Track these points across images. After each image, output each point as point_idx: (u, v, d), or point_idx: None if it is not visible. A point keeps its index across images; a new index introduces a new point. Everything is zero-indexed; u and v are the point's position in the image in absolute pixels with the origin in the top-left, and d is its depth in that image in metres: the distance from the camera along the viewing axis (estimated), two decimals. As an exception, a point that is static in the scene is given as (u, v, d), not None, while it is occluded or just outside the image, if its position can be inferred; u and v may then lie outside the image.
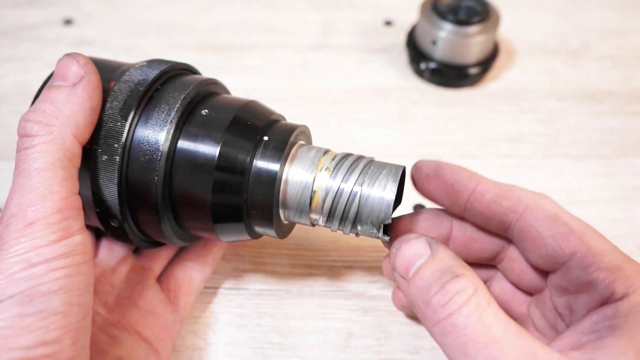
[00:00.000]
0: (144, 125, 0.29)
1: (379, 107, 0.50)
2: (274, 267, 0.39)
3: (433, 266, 0.25)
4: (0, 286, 0.24)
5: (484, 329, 0.23)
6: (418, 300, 0.25)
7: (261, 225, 0.31)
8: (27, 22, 0.56)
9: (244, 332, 0.36)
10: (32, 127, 0.27)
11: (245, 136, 0.30)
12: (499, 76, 0.52)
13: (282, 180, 0.30)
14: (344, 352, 0.36)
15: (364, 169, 0.29)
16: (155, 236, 0.32)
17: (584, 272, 0.27)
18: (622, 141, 0.47)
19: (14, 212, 0.25)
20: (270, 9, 0.58)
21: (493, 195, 0.29)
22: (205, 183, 0.29)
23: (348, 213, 0.29)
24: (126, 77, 0.30)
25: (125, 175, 0.29)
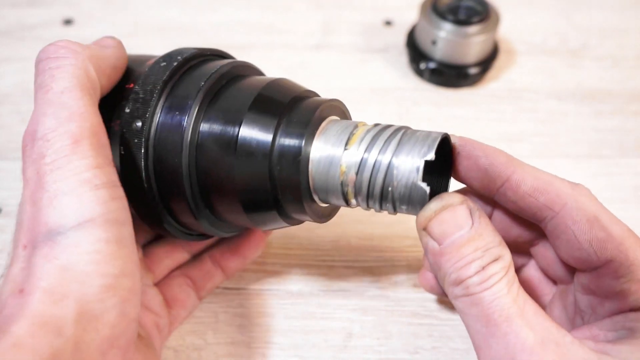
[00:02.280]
0: (169, 111, 0.28)
1: (379, 107, 0.50)
2: (274, 267, 0.39)
3: (475, 243, 0.24)
4: (74, 206, 0.23)
5: (509, 304, 0.23)
6: (450, 271, 0.25)
7: (295, 211, 0.28)
8: (27, 22, 0.56)
9: (244, 332, 0.36)
10: (57, 50, 0.27)
11: (267, 115, 0.27)
12: (499, 76, 0.52)
13: (309, 162, 0.27)
14: (344, 352, 0.36)
15: (395, 151, 0.26)
16: (196, 229, 0.31)
17: (616, 281, 0.26)
18: (622, 141, 0.47)
19: (51, 125, 0.24)
20: (270, 9, 0.58)
21: (529, 187, 0.27)
22: (228, 169, 0.27)
23: (385, 199, 0.26)
24: (135, 93, 0.29)
25: (153, 164, 0.28)
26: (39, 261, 0.23)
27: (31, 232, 0.24)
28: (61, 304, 0.22)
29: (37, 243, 0.23)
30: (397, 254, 0.40)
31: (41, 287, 0.22)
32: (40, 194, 0.23)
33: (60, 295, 0.22)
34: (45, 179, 0.23)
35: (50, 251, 0.23)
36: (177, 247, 0.37)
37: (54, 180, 0.23)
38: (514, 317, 0.23)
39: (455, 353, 0.36)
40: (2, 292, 0.23)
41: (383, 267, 0.39)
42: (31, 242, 0.23)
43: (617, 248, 0.26)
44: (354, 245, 0.41)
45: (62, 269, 0.23)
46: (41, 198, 0.23)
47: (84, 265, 0.23)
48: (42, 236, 0.23)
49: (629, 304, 0.26)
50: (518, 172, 0.27)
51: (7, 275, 0.24)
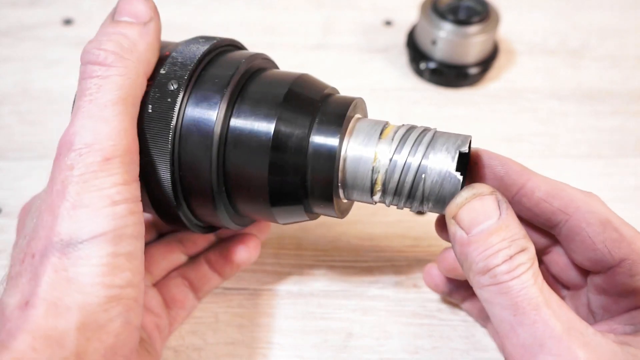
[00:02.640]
0: (195, 106, 0.28)
1: (379, 107, 0.50)
2: (274, 267, 0.39)
3: (503, 233, 0.25)
4: (90, 220, 0.24)
5: (537, 293, 0.24)
6: (477, 259, 0.25)
7: (320, 206, 0.29)
8: (27, 22, 0.56)
9: (244, 332, 0.36)
10: (107, 56, 0.26)
11: (301, 111, 0.28)
12: (499, 76, 0.52)
13: (341, 159, 0.28)
14: (344, 352, 0.36)
15: (430, 143, 0.27)
16: (209, 219, 0.31)
17: (631, 279, 0.27)
18: (622, 141, 0.47)
19: (88, 141, 0.24)
20: (270, 9, 0.58)
21: (543, 193, 0.28)
22: (260, 163, 0.28)
23: (415, 190, 0.27)
24: (170, 61, 0.29)
25: (178, 157, 0.28)
26: (47, 272, 0.23)
27: (44, 241, 0.24)
28: (64, 316, 0.23)
29: (47, 252, 0.24)
30: (397, 254, 0.40)
31: (46, 300, 0.23)
32: (60, 203, 0.24)
33: (64, 307, 0.23)
34: (68, 189, 0.24)
35: (60, 262, 0.23)
36: (174, 248, 0.37)
37: (76, 192, 0.24)
38: (542, 306, 0.24)
39: (455, 353, 0.36)
40: (9, 304, 0.24)
41: (383, 267, 0.39)
42: (41, 252, 0.24)
43: (629, 247, 0.27)
44: (354, 245, 0.41)
45: (68, 281, 0.23)
46: (60, 207, 0.24)
47: (91, 277, 0.23)
48: (54, 247, 0.24)
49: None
50: (532, 180, 0.28)
51: (16, 286, 0.24)
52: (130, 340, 0.25)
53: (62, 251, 0.23)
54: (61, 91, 0.50)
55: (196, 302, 0.37)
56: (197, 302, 0.37)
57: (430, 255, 0.40)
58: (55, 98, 0.49)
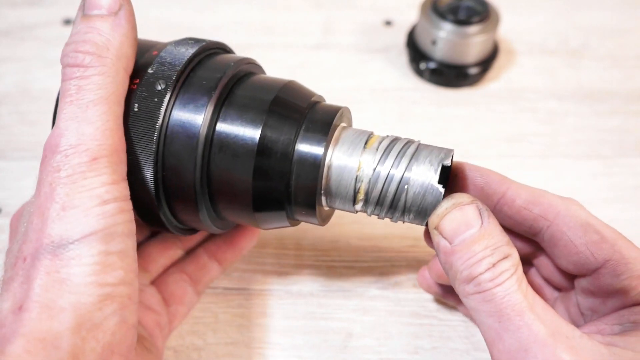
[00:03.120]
0: (181, 109, 0.28)
1: (379, 107, 0.50)
2: (273, 267, 0.39)
3: (485, 242, 0.25)
4: (80, 220, 0.24)
5: (521, 299, 0.24)
6: (461, 268, 0.25)
7: (302, 213, 0.29)
8: (27, 22, 0.56)
9: (244, 332, 0.36)
10: (84, 57, 0.26)
11: (288, 118, 0.28)
12: (499, 76, 0.52)
13: (325, 167, 0.28)
14: (344, 352, 0.36)
15: (414, 154, 0.28)
16: (190, 221, 0.31)
17: (615, 280, 0.27)
18: (622, 141, 0.47)
19: (73, 142, 0.24)
20: (270, 9, 0.58)
21: (524, 200, 0.28)
22: (246, 170, 0.28)
23: (397, 201, 0.28)
24: (159, 60, 0.29)
25: (162, 158, 0.28)
26: (39, 274, 0.23)
27: (34, 243, 0.24)
28: (58, 318, 0.23)
29: (38, 255, 0.24)
30: (397, 254, 0.40)
31: (39, 303, 0.23)
32: (49, 205, 0.24)
33: (57, 308, 0.23)
34: (57, 191, 0.24)
35: (51, 264, 0.23)
36: (170, 244, 0.37)
37: (65, 194, 0.24)
38: (526, 311, 0.24)
39: (455, 353, 0.36)
40: (2, 308, 0.24)
41: (383, 267, 0.39)
42: (32, 255, 0.24)
43: (611, 248, 0.27)
44: (354, 245, 0.41)
45: (61, 282, 0.23)
46: (49, 209, 0.24)
47: (83, 277, 0.23)
48: (44, 249, 0.24)
49: (631, 299, 0.27)
50: (512, 188, 0.29)
51: (8, 290, 0.24)
52: (127, 338, 0.25)
53: (53, 253, 0.23)
54: (61, 91, 0.50)
55: (195, 297, 0.37)
56: (197, 297, 0.37)
57: (429, 255, 0.40)
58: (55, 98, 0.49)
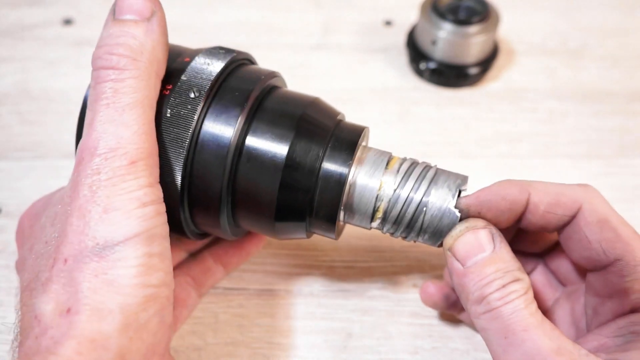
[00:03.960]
0: (213, 119, 0.29)
1: (379, 107, 0.50)
2: (274, 267, 0.39)
3: (497, 265, 0.26)
4: (122, 222, 0.24)
5: (527, 316, 0.25)
6: (473, 289, 0.26)
7: (321, 227, 0.31)
8: (27, 22, 0.56)
9: (244, 332, 0.36)
10: (119, 60, 0.26)
11: (315, 136, 0.30)
12: (499, 76, 0.52)
13: (348, 184, 0.29)
14: (344, 352, 0.36)
15: (432, 180, 0.29)
16: (206, 227, 0.32)
17: (621, 279, 0.27)
18: (622, 141, 0.47)
19: (112, 145, 0.25)
20: (270, 9, 0.58)
21: (546, 205, 0.28)
22: (272, 181, 0.29)
23: (414, 223, 0.29)
24: (191, 68, 0.30)
25: (191, 164, 0.29)
26: (86, 277, 0.24)
27: (76, 245, 0.24)
28: (107, 319, 0.23)
29: (82, 257, 0.24)
30: (397, 254, 0.40)
31: (88, 305, 0.23)
32: (90, 207, 0.24)
33: (106, 310, 0.23)
34: (99, 193, 0.24)
35: (98, 266, 0.24)
36: (174, 246, 0.37)
37: (107, 196, 0.24)
38: (532, 327, 0.25)
39: (455, 353, 0.36)
40: (45, 310, 0.24)
41: (383, 267, 0.39)
42: (74, 256, 0.24)
43: (624, 248, 0.27)
44: (354, 245, 0.41)
45: (109, 284, 0.24)
46: (91, 211, 0.24)
47: (130, 278, 0.24)
48: (90, 251, 0.24)
49: (631, 302, 0.27)
50: (533, 195, 0.28)
51: (49, 292, 0.24)
52: (165, 339, 0.26)
53: (99, 255, 0.24)
54: (61, 91, 0.50)
55: (197, 300, 0.37)
56: (199, 300, 0.37)
57: (429, 255, 0.40)
58: (55, 98, 0.49)
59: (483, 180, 0.44)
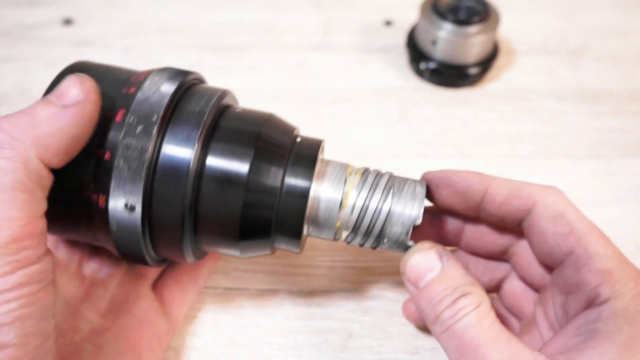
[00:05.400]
0: (169, 144, 0.28)
1: (379, 107, 0.50)
2: (274, 267, 0.39)
3: (445, 283, 0.27)
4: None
5: (478, 333, 0.25)
6: (428, 310, 0.27)
7: (286, 242, 0.31)
8: (27, 22, 0.56)
9: (244, 332, 0.36)
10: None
11: (275, 153, 0.30)
12: (499, 76, 0.52)
13: (310, 198, 0.30)
14: (344, 352, 0.36)
15: (386, 185, 0.30)
16: (170, 255, 0.31)
17: (575, 273, 0.27)
18: (622, 141, 0.47)
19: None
20: (270, 9, 0.58)
21: (504, 196, 0.30)
22: (235, 201, 0.29)
23: (373, 229, 0.30)
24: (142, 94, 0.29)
25: (150, 195, 0.28)
26: None
27: None
28: None
29: None
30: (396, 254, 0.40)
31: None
32: None
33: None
34: None
35: None
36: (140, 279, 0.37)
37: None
38: (483, 343, 0.25)
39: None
40: None
41: (383, 267, 0.39)
42: None
43: (577, 241, 0.27)
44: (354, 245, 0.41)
45: None
46: None
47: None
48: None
49: (587, 294, 0.27)
50: (492, 185, 0.30)
51: None
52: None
53: None
54: (61, 91, 0.50)
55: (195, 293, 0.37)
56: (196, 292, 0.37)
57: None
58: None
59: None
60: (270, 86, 0.51)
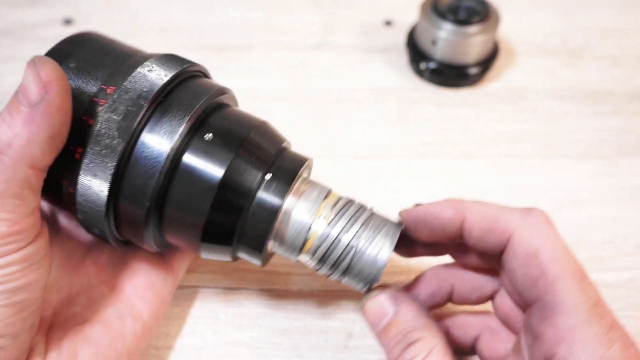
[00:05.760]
0: (151, 130, 0.28)
1: (379, 107, 0.50)
2: (273, 267, 0.39)
3: (396, 328, 0.28)
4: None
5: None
6: (386, 352, 0.28)
7: (248, 253, 0.30)
8: (27, 22, 0.56)
9: (244, 332, 0.36)
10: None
11: (256, 161, 0.29)
12: (499, 76, 0.52)
13: (281, 215, 0.29)
14: (344, 352, 0.36)
15: (364, 223, 0.29)
16: (132, 238, 0.31)
17: (539, 324, 0.26)
18: (622, 141, 0.47)
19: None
20: (270, 9, 0.58)
21: (479, 231, 0.28)
22: (204, 201, 0.28)
23: (339, 263, 0.29)
24: (137, 74, 0.29)
25: (122, 176, 0.28)
26: None
27: None
28: None
29: None
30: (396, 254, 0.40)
31: None
32: None
33: None
34: None
35: None
36: None
37: None
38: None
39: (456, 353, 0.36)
40: None
41: (383, 267, 0.39)
42: None
43: (547, 287, 0.25)
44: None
45: None
46: None
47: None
48: None
49: (544, 351, 0.25)
50: (468, 220, 0.28)
51: None
52: None
53: None
54: (61, 91, 0.50)
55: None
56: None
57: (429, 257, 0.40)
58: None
59: (483, 180, 0.44)
60: (270, 86, 0.51)
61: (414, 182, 0.44)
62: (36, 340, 0.29)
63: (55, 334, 0.30)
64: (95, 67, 0.30)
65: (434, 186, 0.44)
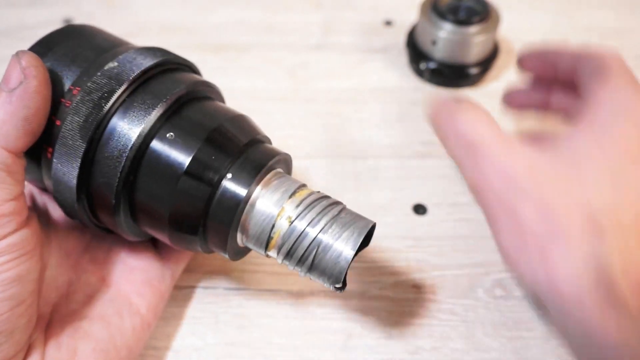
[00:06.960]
0: (122, 116, 0.28)
1: (379, 107, 0.50)
2: (273, 267, 0.39)
3: None
4: None
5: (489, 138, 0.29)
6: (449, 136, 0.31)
7: (215, 244, 0.30)
8: (27, 22, 0.56)
9: (244, 332, 0.36)
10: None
11: (224, 149, 0.29)
12: (499, 76, 0.52)
13: (247, 206, 0.29)
14: (344, 352, 0.36)
15: (333, 218, 0.28)
16: (110, 227, 0.31)
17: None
18: (622, 141, 0.47)
19: None
20: (270, 9, 0.58)
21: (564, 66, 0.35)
22: (169, 188, 0.28)
23: (305, 259, 0.28)
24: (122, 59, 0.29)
25: (92, 160, 0.28)
26: None
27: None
28: None
29: None
30: (397, 254, 0.40)
31: None
32: None
33: None
34: None
35: None
36: None
37: None
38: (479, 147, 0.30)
39: (455, 353, 0.36)
40: None
41: (383, 267, 0.39)
42: None
43: None
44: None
45: None
46: None
47: None
48: None
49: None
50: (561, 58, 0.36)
51: None
52: None
53: None
54: (61, 91, 0.50)
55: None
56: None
57: (430, 255, 0.40)
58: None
59: (483, 180, 0.44)
60: (270, 86, 0.51)
61: (414, 182, 0.44)
62: (34, 337, 0.29)
63: (54, 330, 0.30)
64: (67, 67, 0.30)
65: (434, 186, 0.44)
